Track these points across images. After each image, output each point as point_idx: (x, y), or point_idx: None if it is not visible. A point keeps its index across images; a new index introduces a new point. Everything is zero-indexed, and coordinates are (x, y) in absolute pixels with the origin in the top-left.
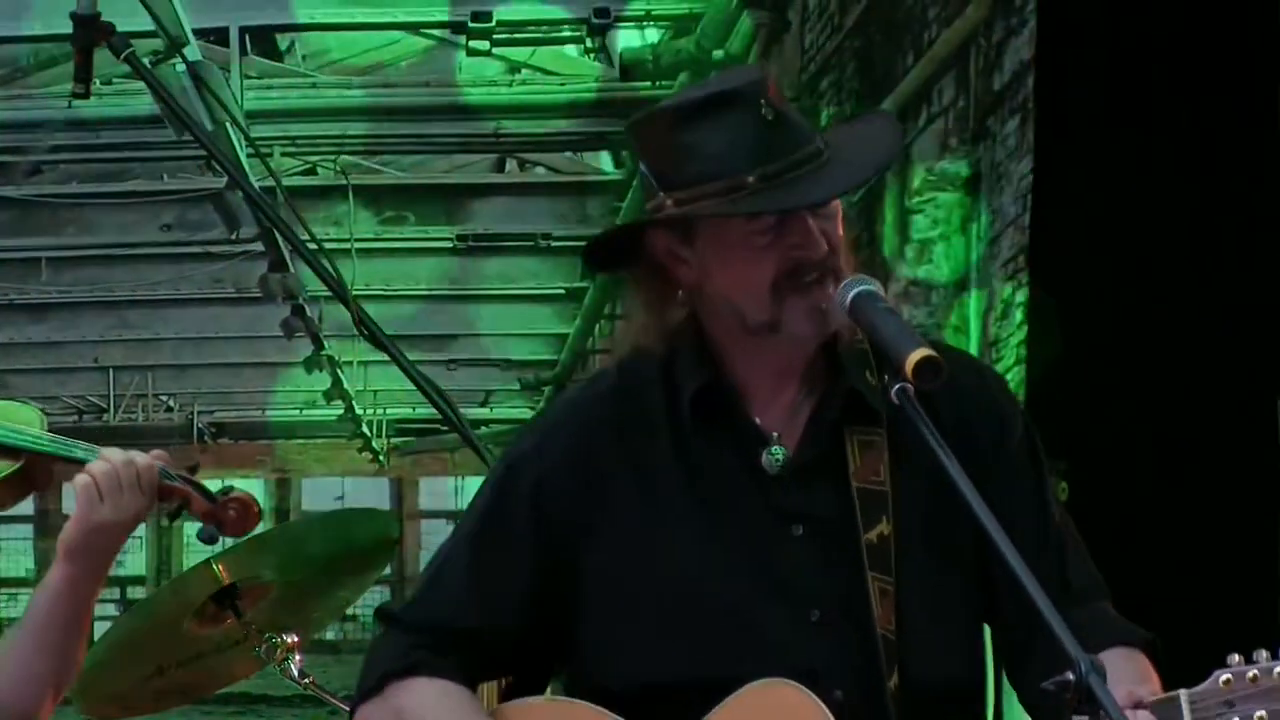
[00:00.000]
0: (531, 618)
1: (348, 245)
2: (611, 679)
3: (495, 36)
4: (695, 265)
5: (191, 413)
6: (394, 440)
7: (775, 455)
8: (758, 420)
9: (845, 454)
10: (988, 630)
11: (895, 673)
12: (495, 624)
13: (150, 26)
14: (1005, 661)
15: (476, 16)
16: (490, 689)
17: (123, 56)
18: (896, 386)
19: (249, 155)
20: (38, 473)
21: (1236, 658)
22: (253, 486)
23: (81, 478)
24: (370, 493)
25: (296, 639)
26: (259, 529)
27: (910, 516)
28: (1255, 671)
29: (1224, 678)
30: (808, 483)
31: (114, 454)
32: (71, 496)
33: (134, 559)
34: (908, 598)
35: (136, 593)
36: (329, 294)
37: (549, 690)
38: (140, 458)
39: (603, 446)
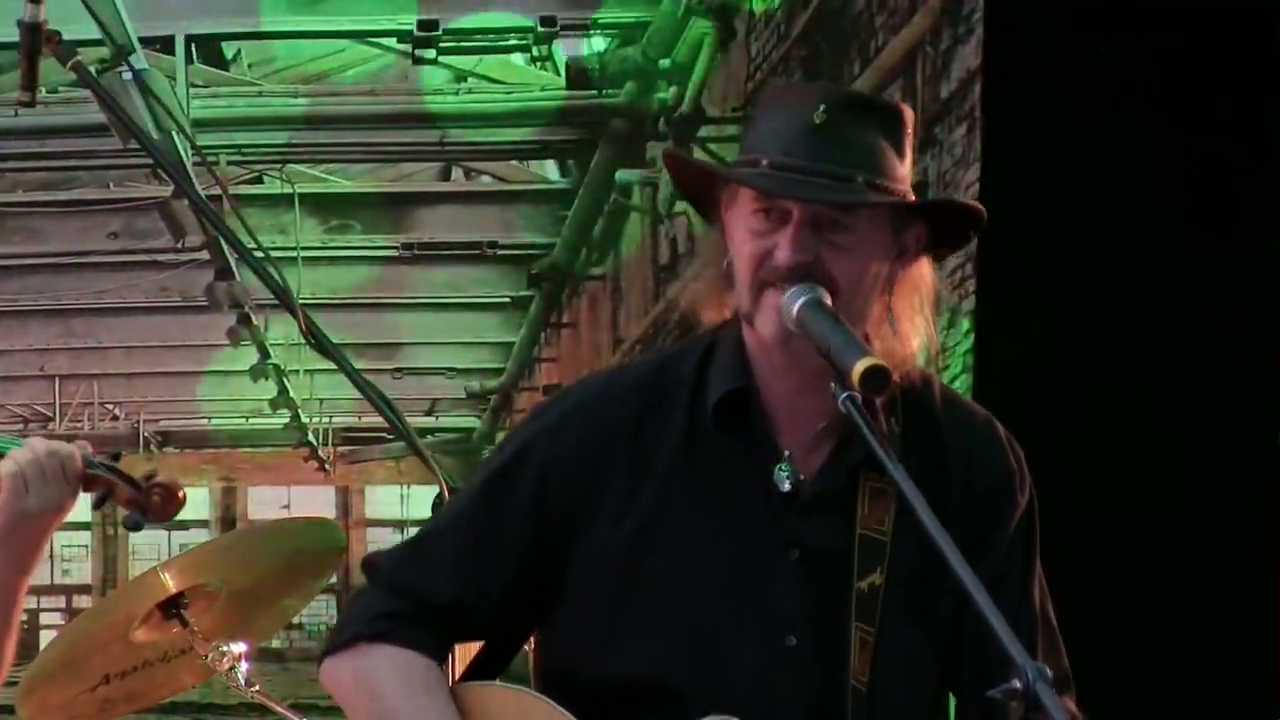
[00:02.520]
0: (513, 596)
1: (294, 253)
2: (578, 668)
3: (442, 45)
4: (730, 237)
5: (137, 421)
6: (340, 449)
7: (784, 472)
8: (775, 437)
9: (856, 497)
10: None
11: None
12: (479, 599)
13: (96, 35)
14: None
15: (423, 25)
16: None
17: (69, 65)
18: (844, 395)
19: (195, 164)
20: None
21: None
22: (198, 495)
23: (7, 464)
24: (316, 501)
25: (243, 647)
26: (205, 537)
27: (901, 570)
28: None
29: None
30: (815, 514)
31: (39, 443)
32: None
33: (80, 568)
34: (885, 651)
35: (83, 602)
36: (275, 302)
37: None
38: (64, 448)
39: (617, 439)
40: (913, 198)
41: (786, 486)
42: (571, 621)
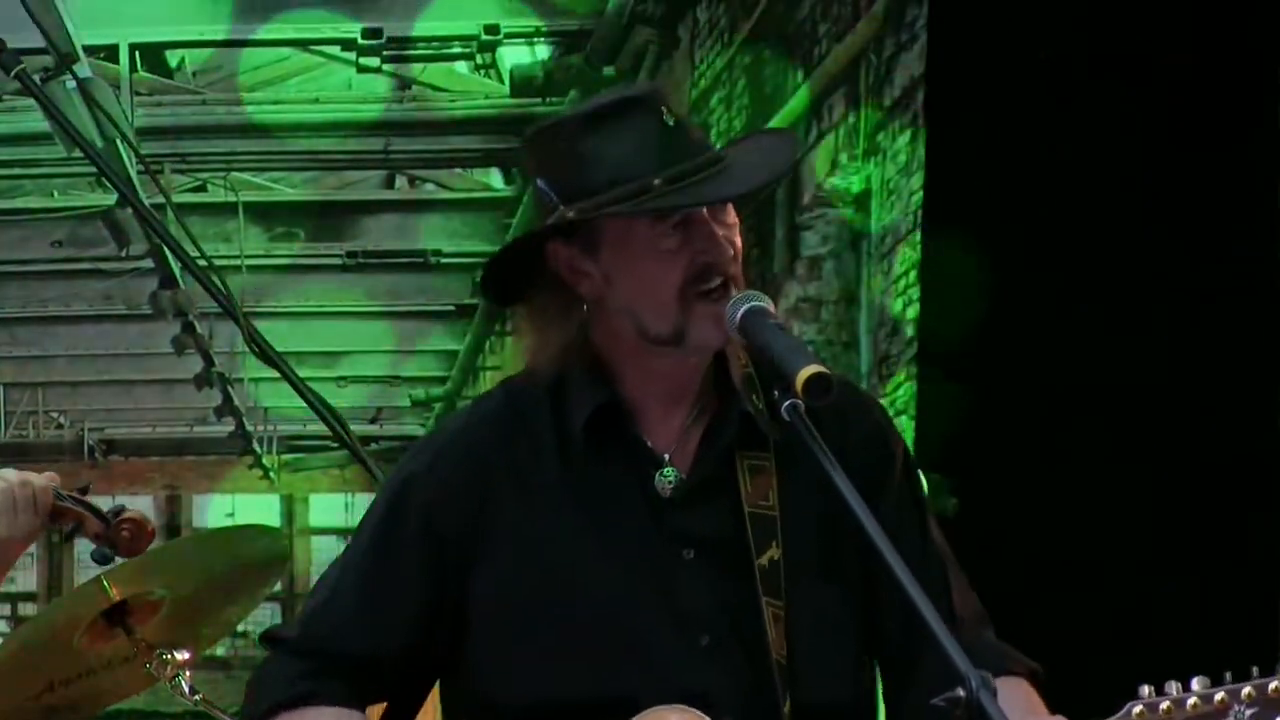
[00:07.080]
0: (420, 639)
1: (238, 262)
2: (499, 698)
3: (385, 53)
4: (598, 277)
5: (82, 429)
6: (284, 457)
7: (667, 476)
8: (649, 442)
9: (737, 477)
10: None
11: (788, 698)
12: (384, 648)
13: (41, 43)
14: (886, 686)
15: (367, 33)
16: (372, 712)
17: (13, 73)
18: (787, 403)
19: (139, 172)
20: None
21: (1147, 690)
22: (143, 503)
23: None
24: (261, 509)
25: (187, 655)
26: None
27: (799, 540)
28: (1168, 704)
29: (1136, 709)
30: (699, 505)
31: (9, 474)
32: None
33: (24, 575)
34: (798, 621)
35: (27, 609)
36: (219, 311)
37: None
38: (36, 479)
39: (492, 467)
40: None
41: (668, 492)
42: (480, 654)
